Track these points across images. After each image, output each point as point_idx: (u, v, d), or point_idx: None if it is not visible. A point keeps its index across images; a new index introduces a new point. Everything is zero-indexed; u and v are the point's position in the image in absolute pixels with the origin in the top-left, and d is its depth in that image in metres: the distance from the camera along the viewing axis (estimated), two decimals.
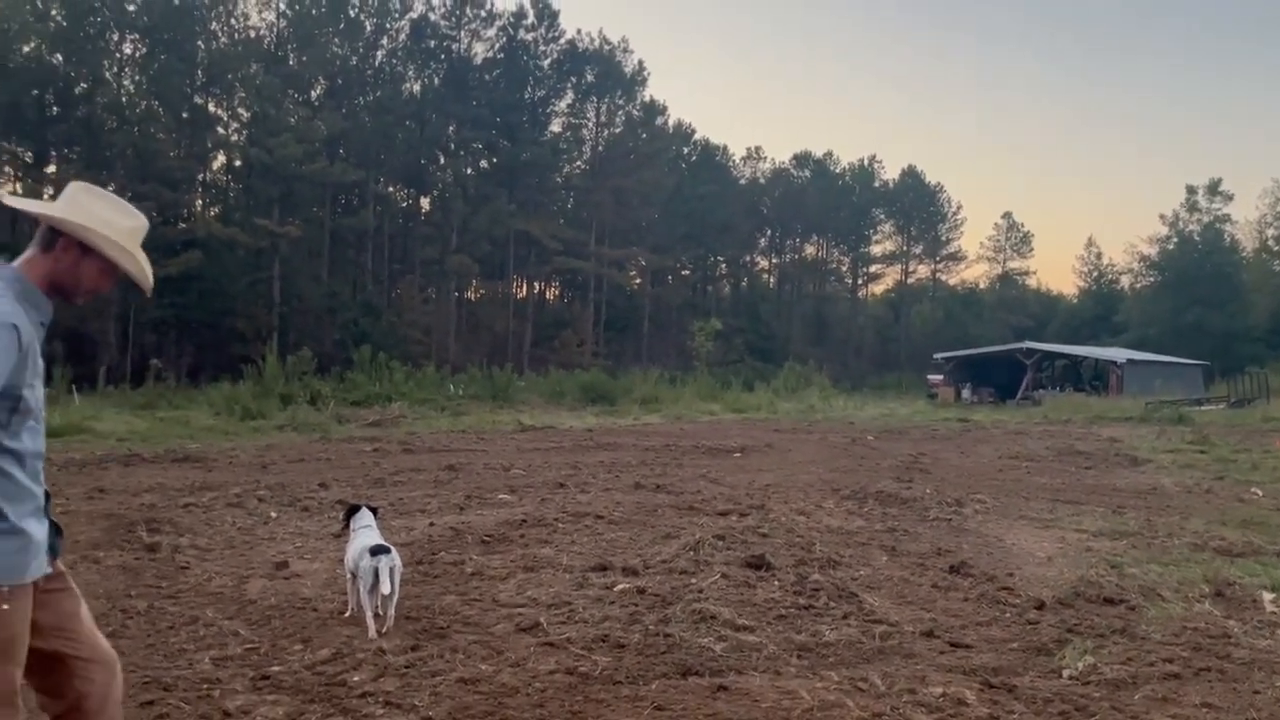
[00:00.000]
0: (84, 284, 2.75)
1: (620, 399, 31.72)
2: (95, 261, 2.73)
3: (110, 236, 2.72)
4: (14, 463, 2.60)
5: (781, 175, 74.15)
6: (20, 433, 2.61)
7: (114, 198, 2.86)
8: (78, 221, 2.68)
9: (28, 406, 2.60)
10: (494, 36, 54.40)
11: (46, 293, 2.69)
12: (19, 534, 2.59)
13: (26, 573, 2.61)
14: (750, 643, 5.07)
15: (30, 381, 2.59)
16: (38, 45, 42.71)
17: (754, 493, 10.88)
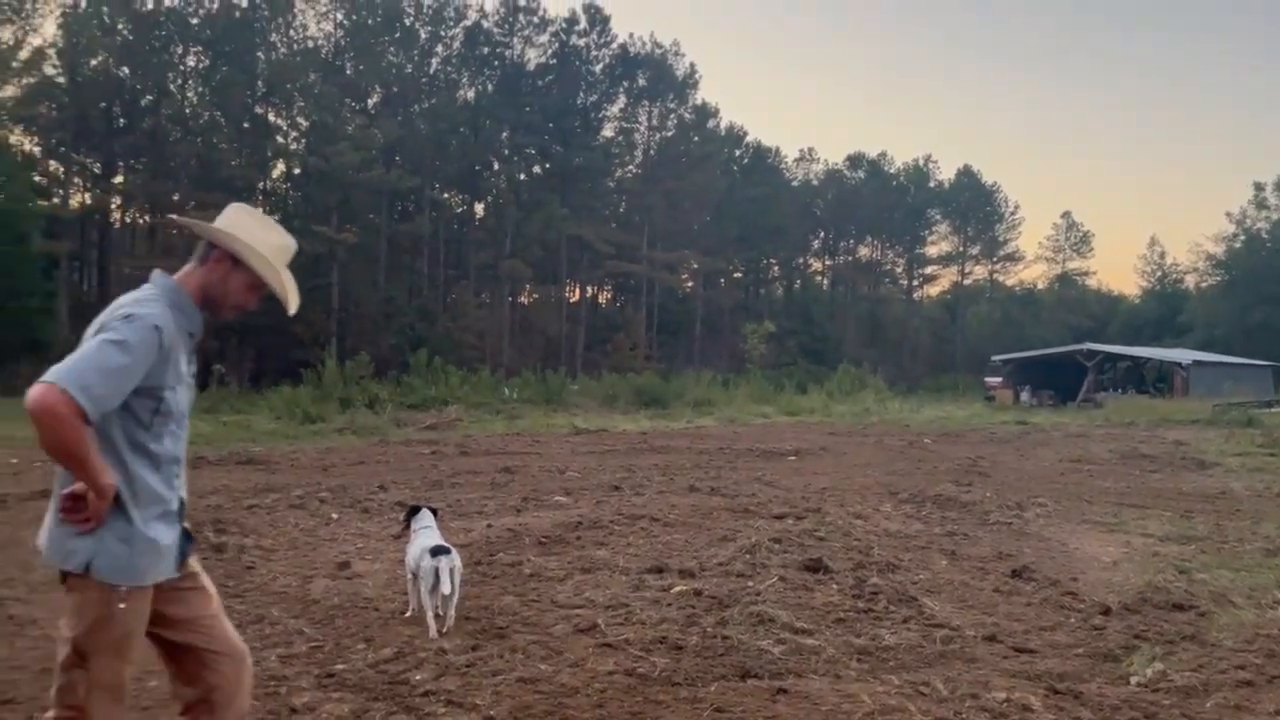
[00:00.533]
0: (231, 297, 2.88)
1: (673, 402, 31.72)
2: (243, 275, 2.86)
3: (258, 250, 2.86)
4: (149, 465, 2.68)
5: (835, 176, 73.62)
6: (162, 435, 2.71)
7: (266, 218, 3.03)
8: (229, 234, 2.84)
9: (169, 409, 2.70)
10: (546, 42, 54.79)
11: (198, 304, 2.83)
12: (143, 538, 2.65)
13: (146, 577, 2.68)
14: (809, 646, 5.04)
15: (172, 384, 2.69)
16: (105, 59, 43.87)
17: (810, 496, 10.82)
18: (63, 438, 2.42)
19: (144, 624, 2.72)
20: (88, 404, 2.41)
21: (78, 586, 2.63)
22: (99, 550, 2.59)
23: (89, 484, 2.53)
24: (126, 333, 2.53)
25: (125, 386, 2.53)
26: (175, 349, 2.68)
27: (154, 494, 2.69)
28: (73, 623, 2.65)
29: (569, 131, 54.23)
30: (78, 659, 2.65)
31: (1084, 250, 79.08)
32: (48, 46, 43.23)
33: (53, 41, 43.28)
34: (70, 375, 2.42)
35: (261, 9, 47.22)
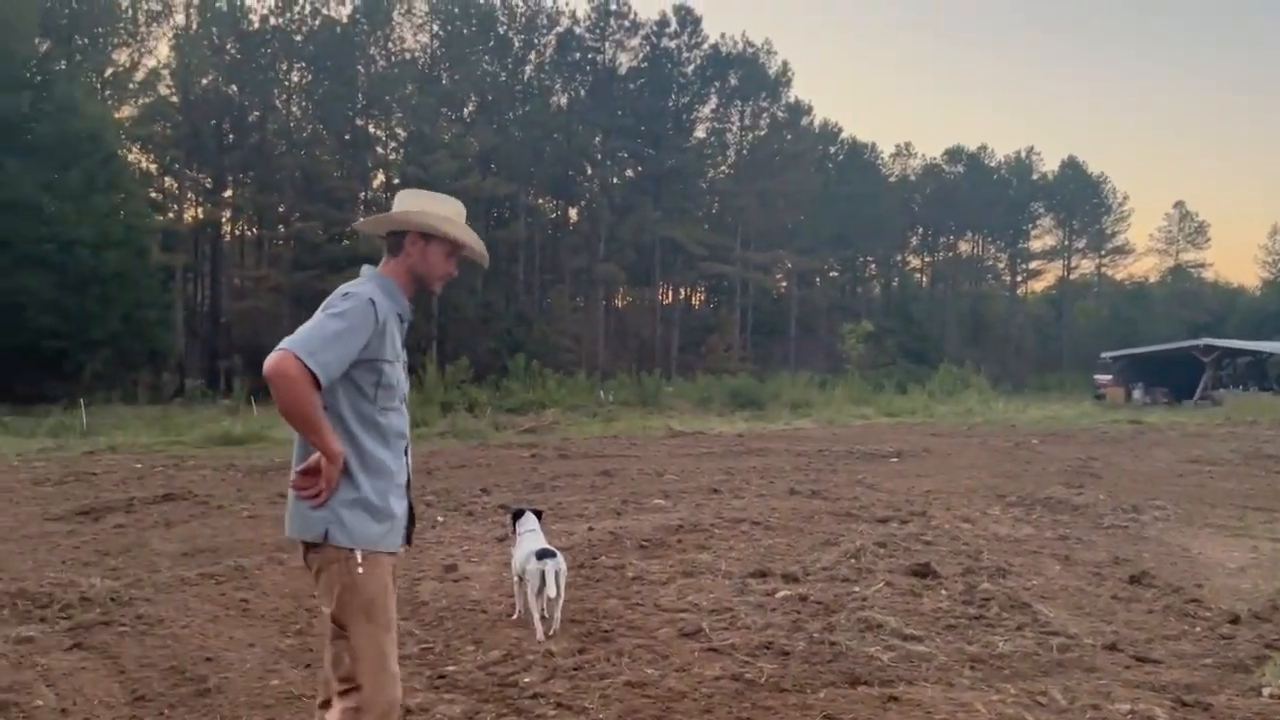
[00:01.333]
0: (436, 269, 3.05)
1: (769, 403, 31.49)
2: (438, 246, 3.03)
3: (445, 217, 3.05)
4: (378, 439, 2.87)
5: (933, 171, 72.18)
6: (387, 410, 2.89)
7: (432, 193, 3.18)
8: (416, 215, 3.01)
9: (389, 382, 2.88)
10: (638, 46, 55.07)
11: (406, 287, 3.02)
12: (373, 505, 2.82)
13: (379, 542, 2.85)
14: (920, 653, 4.93)
15: (390, 359, 2.87)
16: (214, 78, 45.71)
17: (914, 499, 10.61)
18: (295, 399, 2.60)
19: (387, 591, 2.88)
20: (317, 368, 2.61)
21: (318, 559, 2.82)
22: (333, 519, 2.77)
23: (320, 447, 2.70)
24: (344, 306, 2.76)
25: (348, 354, 2.72)
26: (390, 325, 2.86)
27: (383, 466, 2.86)
28: (325, 597, 2.84)
29: (661, 134, 54.37)
30: (338, 630, 2.82)
31: (1199, 241, 75.96)
32: (161, 68, 45.36)
33: (166, 63, 45.40)
34: (300, 343, 2.64)
35: (361, 23, 48.59)
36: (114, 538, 8.03)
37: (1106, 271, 77.07)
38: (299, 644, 5.18)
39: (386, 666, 2.84)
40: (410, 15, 50.83)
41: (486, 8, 50.89)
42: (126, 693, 4.41)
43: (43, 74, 32.92)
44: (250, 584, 6.45)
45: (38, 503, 9.84)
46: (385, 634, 2.85)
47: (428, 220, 3.00)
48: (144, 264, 33.86)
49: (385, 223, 3.05)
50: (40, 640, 5.08)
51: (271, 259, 49.08)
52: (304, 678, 4.64)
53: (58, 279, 29.41)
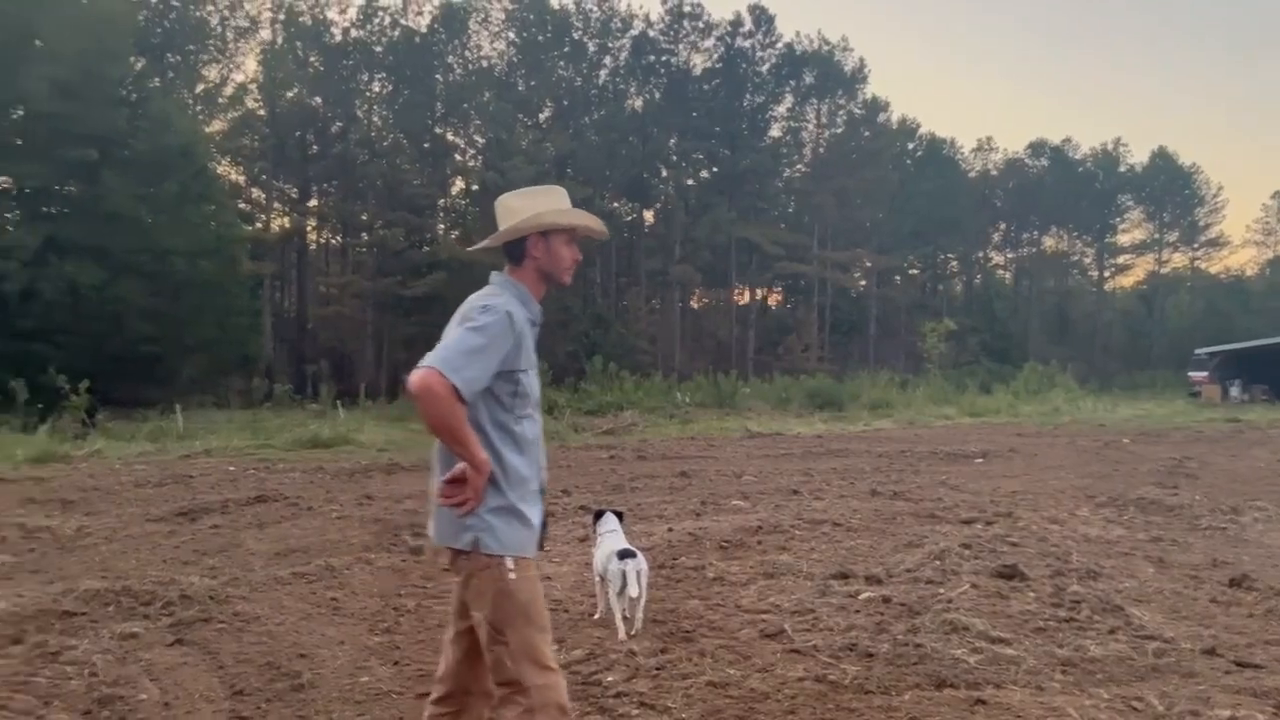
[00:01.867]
0: (563, 261, 3.11)
1: (848, 404, 31.13)
2: (557, 237, 3.08)
3: (556, 211, 3.09)
4: (514, 447, 2.93)
5: (1015, 165, 70.54)
6: (522, 418, 2.95)
7: (531, 189, 3.21)
8: (529, 218, 3.04)
9: (525, 391, 2.95)
10: (712, 47, 54.90)
11: (537, 289, 3.09)
12: (515, 513, 2.90)
13: (526, 548, 2.93)
14: (1007, 656, 4.84)
15: (525, 368, 2.94)
16: (299, 91, 46.96)
17: (999, 500, 10.40)
18: (442, 414, 2.66)
19: (538, 594, 2.95)
20: (460, 383, 2.67)
21: (469, 566, 2.88)
22: (483, 526, 2.85)
23: (467, 459, 2.73)
24: (484, 320, 2.81)
25: (489, 367, 2.78)
26: (525, 335, 2.93)
27: (521, 474, 2.94)
28: (478, 603, 2.89)
29: (736, 134, 54.18)
30: (496, 635, 2.87)
31: None
32: (249, 82, 46.77)
33: (253, 77, 46.81)
34: (443, 360, 2.69)
35: (439, 33, 49.41)
36: (211, 538, 8.31)
37: (1200, 265, 74.36)
38: (387, 642, 5.31)
39: (550, 665, 2.91)
40: (487, 24, 51.55)
41: (561, 14, 51.32)
42: (225, 687, 4.57)
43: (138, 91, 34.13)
44: (340, 583, 6.62)
45: (139, 504, 10.22)
46: (542, 635, 2.91)
47: (544, 220, 3.04)
48: (234, 272, 34.93)
49: (505, 236, 3.08)
50: (144, 636, 5.29)
51: (355, 266, 50.23)
52: (392, 675, 4.75)
53: (154, 288, 30.50)
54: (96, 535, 8.38)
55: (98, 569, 7.00)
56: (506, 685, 2.86)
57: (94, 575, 6.66)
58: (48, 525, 8.66)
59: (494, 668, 2.89)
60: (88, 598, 5.93)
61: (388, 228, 46.27)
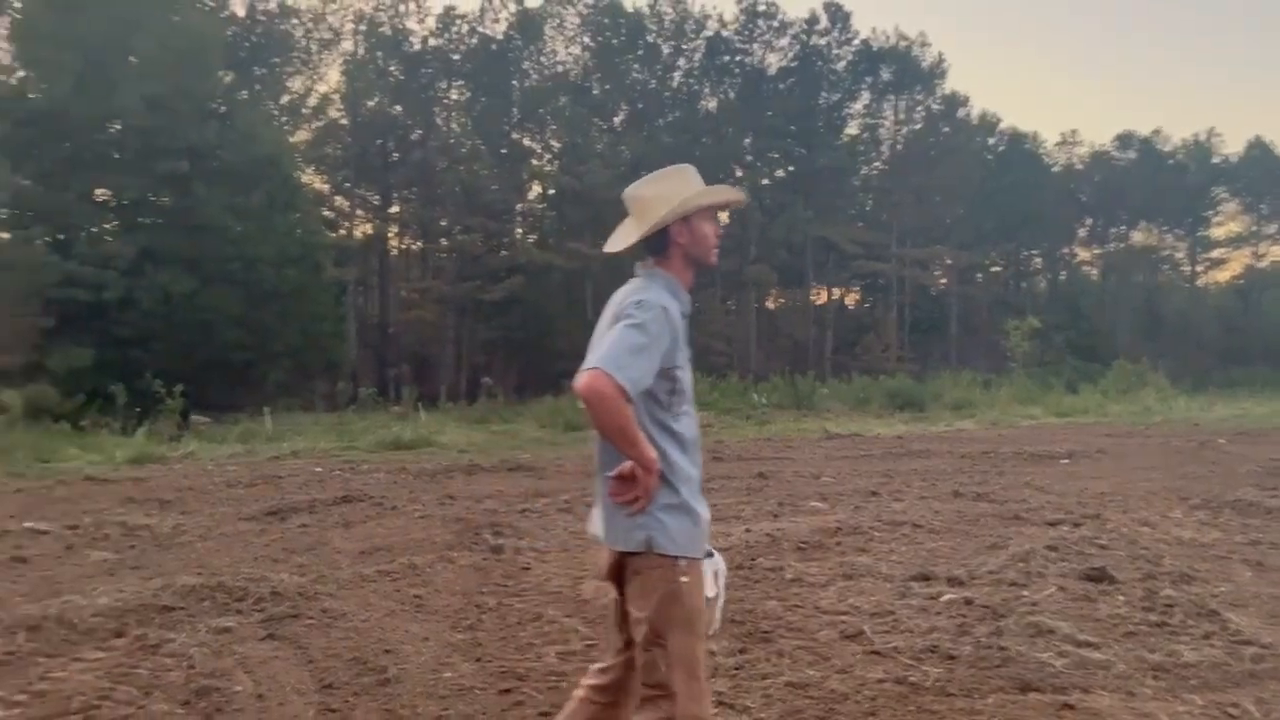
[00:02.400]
0: (708, 240, 3.03)
1: (929, 404, 30.62)
2: (698, 219, 2.99)
3: (690, 193, 2.98)
4: (675, 444, 2.87)
5: (1101, 159, 68.55)
6: (680, 416, 2.90)
7: (651, 177, 3.10)
8: (675, 208, 2.95)
9: (682, 388, 2.89)
10: (786, 45, 54.57)
11: (685, 277, 3.02)
12: (690, 512, 2.86)
13: (699, 549, 2.90)
14: (1096, 660, 4.73)
15: (682, 364, 2.88)
16: (380, 100, 48.01)
17: (1087, 501, 10.14)
18: (612, 415, 2.61)
19: (703, 599, 2.90)
20: (626, 382, 2.61)
21: (640, 566, 2.82)
22: (656, 526, 2.79)
23: (637, 459, 2.70)
24: (642, 316, 2.74)
25: (652, 364, 2.71)
26: (679, 329, 2.86)
27: (685, 471, 2.88)
28: (642, 603, 2.82)
29: (812, 132, 53.76)
30: (655, 637, 2.80)
31: None
32: (332, 92, 47.98)
33: (336, 88, 47.98)
34: (608, 360, 2.63)
35: (515, 39, 50.03)
36: (299, 536, 8.55)
37: None
38: (469, 639, 5.40)
39: (700, 676, 2.84)
40: (562, 29, 52.00)
41: (635, 16, 51.52)
42: (315, 680, 4.71)
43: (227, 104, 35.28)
44: (423, 581, 6.76)
45: (231, 503, 10.56)
46: (701, 644, 2.86)
47: (690, 204, 2.95)
48: (319, 279, 35.83)
49: (650, 228, 2.96)
50: (237, 630, 5.47)
51: (435, 271, 51.11)
52: (474, 671, 4.84)
53: (243, 295, 31.47)
54: (192, 533, 8.69)
55: (194, 565, 7.26)
56: (654, 688, 2.81)
57: (190, 571, 6.91)
58: (146, 523, 9.00)
59: (646, 668, 2.84)
60: (185, 593, 6.16)
61: (466, 233, 47.00)
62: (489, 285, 44.31)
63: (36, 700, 4.37)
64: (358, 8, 48.34)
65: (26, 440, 16.96)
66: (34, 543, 8.14)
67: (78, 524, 8.94)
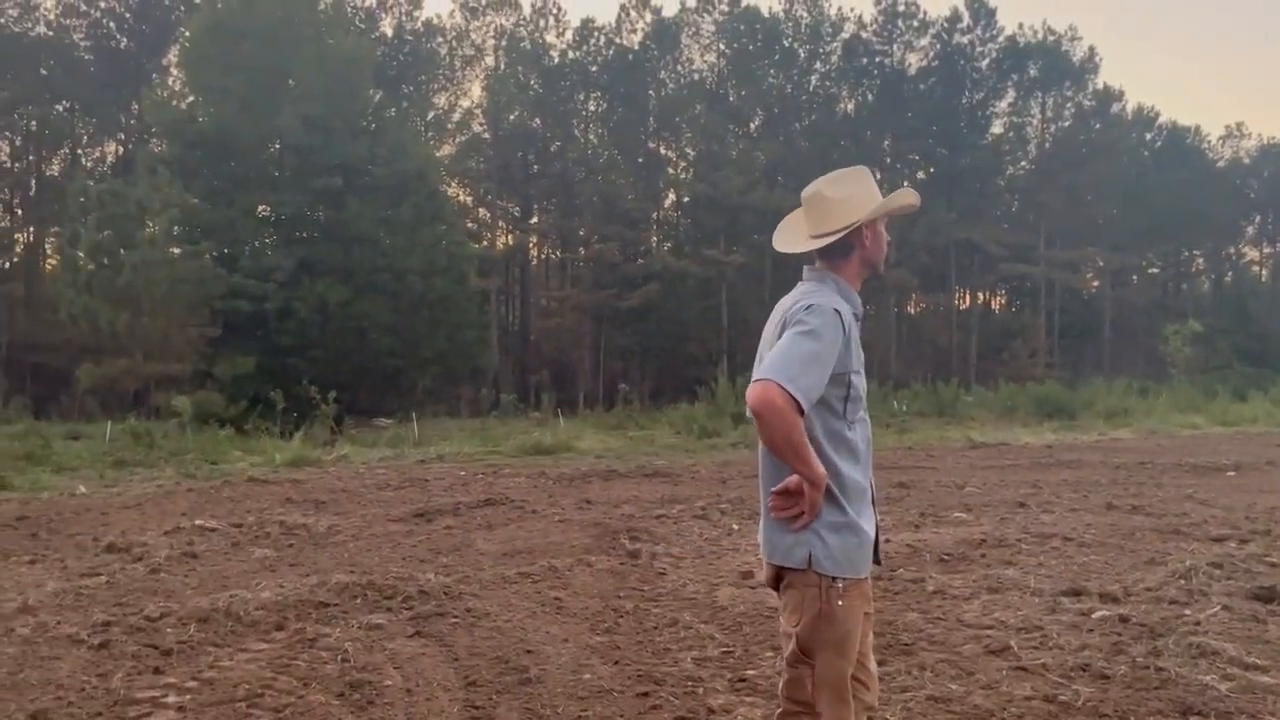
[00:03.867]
0: (885, 247, 2.97)
1: (1081, 412, 29.30)
2: (873, 227, 2.93)
3: (867, 203, 2.89)
4: (848, 455, 2.77)
5: (1272, 152, 64.35)
6: (854, 424, 2.80)
7: (830, 177, 3.00)
8: (863, 209, 2.88)
9: (858, 394, 2.79)
10: (927, 45, 53.47)
11: (857, 281, 2.94)
12: (855, 529, 2.73)
13: (862, 569, 2.76)
14: (1264, 684, 4.45)
15: (857, 368, 2.78)
16: (520, 113, 49.27)
17: (1256, 516, 9.52)
18: (784, 429, 2.51)
19: (860, 623, 2.78)
20: (799, 394, 2.52)
21: (797, 583, 2.72)
22: (817, 543, 2.68)
23: (804, 474, 2.60)
24: (814, 322, 2.64)
25: (825, 373, 2.62)
26: (853, 332, 2.77)
27: (856, 484, 2.77)
28: (795, 619, 2.72)
29: (954, 132, 52.42)
30: (803, 655, 2.71)
31: None
32: (475, 107, 49.55)
33: (479, 102, 49.53)
34: (779, 370, 2.54)
35: (651, 49, 50.54)
36: (444, 537, 8.84)
37: None
38: (608, 642, 5.48)
39: (847, 700, 2.72)
40: (698, 36, 52.25)
41: (771, 21, 51.29)
42: (460, 678, 4.87)
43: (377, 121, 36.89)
44: (563, 583, 6.89)
45: (380, 505, 11.00)
46: (850, 667, 2.73)
47: (881, 209, 2.87)
48: (464, 289, 37.05)
49: (841, 229, 2.87)
50: (387, 627, 5.71)
51: (573, 279, 52.06)
52: (612, 673, 4.91)
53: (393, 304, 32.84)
54: (345, 533, 9.09)
55: (347, 564, 7.60)
56: (798, 704, 2.73)
57: (344, 570, 7.24)
58: (304, 523, 9.47)
59: (791, 684, 2.76)
60: (339, 590, 6.46)
61: (604, 242, 47.70)
62: (626, 293, 44.84)
63: (206, 688, 4.67)
64: (499, 24, 49.86)
65: (196, 443, 18.12)
66: (204, 539, 8.67)
67: (242, 522, 9.49)
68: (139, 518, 10.09)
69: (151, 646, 5.27)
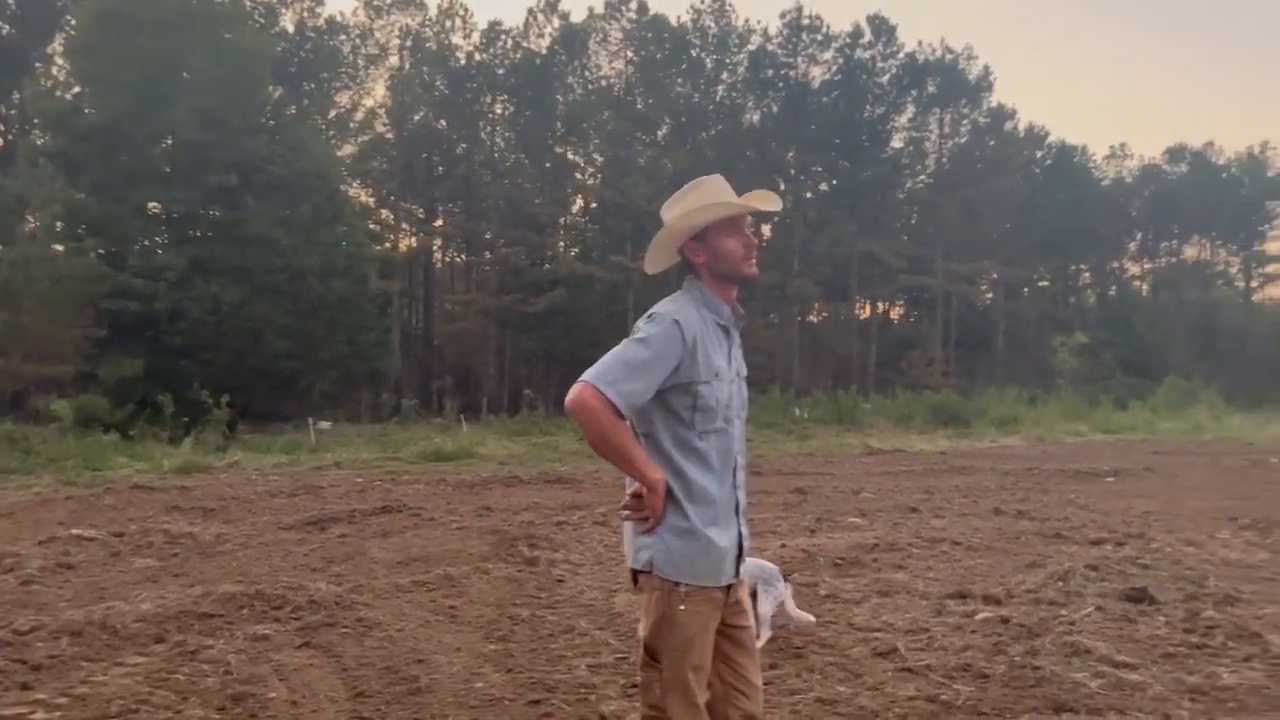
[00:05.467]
0: (732, 254, 2.88)
1: (974, 420, 30.25)
2: (714, 237, 2.87)
3: (699, 207, 2.87)
4: (700, 465, 2.75)
5: (1152, 172, 67.58)
6: (707, 434, 2.76)
7: (676, 195, 3.00)
8: (677, 227, 2.89)
9: (707, 404, 2.74)
10: (830, 59, 54.53)
11: (721, 291, 2.91)
12: (697, 536, 2.71)
13: (704, 577, 2.73)
14: (1132, 681, 4.65)
15: (706, 379, 2.74)
16: (425, 114, 48.62)
17: (1131, 520, 9.96)
18: (601, 431, 2.55)
19: (707, 630, 2.76)
20: (616, 397, 2.54)
21: (645, 585, 2.75)
22: (659, 547, 2.70)
23: (636, 478, 2.66)
24: (647, 330, 2.67)
25: (651, 380, 2.63)
26: (704, 343, 2.75)
27: (706, 493, 2.75)
28: (644, 622, 2.77)
29: (856, 146, 53.61)
30: (650, 658, 2.76)
31: None
32: (378, 107, 48.72)
33: (382, 102, 48.72)
34: (599, 374, 2.58)
35: (559, 54, 50.45)
36: (338, 546, 8.66)
37: None
38: (501, 650, 5.44)
39: (696, 704, 2.72)
40: (606, 43, 52.36)
41: (679, 30, 51.72)
42: (348, 689, 4.77)
43: (276, 118, 35.96)
44: (458, 591, 6.81)
45: (272, 513, 10.72)
46: (697, 673, 2.72)
47: (688, 222, 2.85)
48: (364, 291, 36.32)
49: (663, 251, 2.94)
50: (274, 638, 5.56)
51: (478, 283, 51.61)
52: (505, 681, 4.87)
53: (290, 306, 32.00)
54: (234, 542, 8.83)
55: (234, 574, 7.37)
56: (652, 708, 2.77)
57: (231, 579, 7.02)
58: (190, 531, 9.16)
59: (643, 687, 2.80)
60: (224, 600, 6.26)
61: (510, 246, 47.37)
62: (531, 298, 44.62)
63: (77, 704, 4.47)
64: (404, 23, 49.13)
65: (78, 449, 17.35)
66: (81, 549, 8.31)
67: (123, 531, 9.12)
68: (11, 526, 9.65)
69: (20, 661, 5.03)
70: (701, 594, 2.72)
